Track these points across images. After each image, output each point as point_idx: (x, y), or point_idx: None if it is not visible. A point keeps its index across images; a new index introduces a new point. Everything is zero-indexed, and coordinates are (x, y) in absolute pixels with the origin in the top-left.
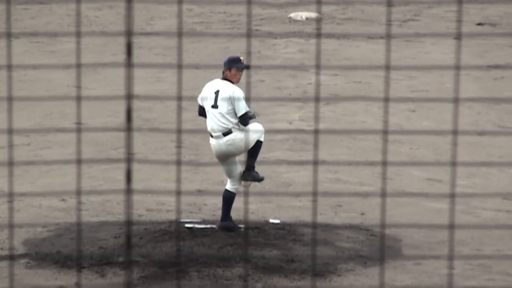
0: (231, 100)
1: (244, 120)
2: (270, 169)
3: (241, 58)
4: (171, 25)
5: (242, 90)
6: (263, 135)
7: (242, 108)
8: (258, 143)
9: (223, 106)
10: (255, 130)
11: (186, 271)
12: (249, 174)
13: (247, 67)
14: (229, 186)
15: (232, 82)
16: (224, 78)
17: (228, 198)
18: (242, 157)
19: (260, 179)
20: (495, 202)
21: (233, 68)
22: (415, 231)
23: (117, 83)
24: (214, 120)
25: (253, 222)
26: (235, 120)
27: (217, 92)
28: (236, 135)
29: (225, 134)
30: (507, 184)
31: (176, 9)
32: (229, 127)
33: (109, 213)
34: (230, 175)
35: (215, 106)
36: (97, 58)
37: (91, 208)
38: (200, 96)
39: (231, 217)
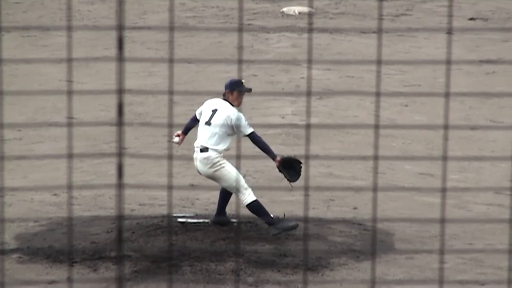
0: (227, 122)
1: (253, 137)
2: (262, 163)
3: (243, 81)
4: (164, 19)
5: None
6: (247, 192)
7: (246, 127)
8: (254, 204)
9: (215, 126)
10: (236, 179)
11: (178, 266)
12: (276, 229)
13: (249, 90)
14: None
15: (232, 105)
16: (225, 99)
17: (225, 194)
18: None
19: (292, 227)
20: (487, 196)
21: (235, 91)
22: (407, 225)
23: (109, 77)
24: (203, 136)
25: (246, 216)
26: (220, 147)
27: (214, 111)
28: (212, 154)
29: (202, 151)
30: (499, 179)
31: (169, 3)
32: (213, 148)
33: (101, 207)
34: (231, 189)
35: (208, 123)
36: (89, 52)
37: (83, 203)
38: (199, 110)
39: (225, 212)
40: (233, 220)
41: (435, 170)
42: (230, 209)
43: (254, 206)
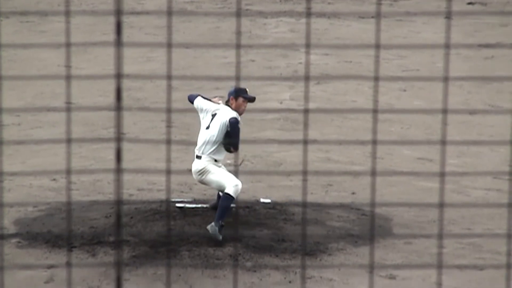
0: (225, 127)
1: (235, 145)
2: (260, 148)
3: (247, 90)
4: (162, 5)
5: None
6: (234, 189)
7: (237, 142)
8: (229, 201)
9: (214, 131)
10: (230, 180)
11: (177, 251)
12: (212, 228)
13: (253, 98)
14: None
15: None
16: (228, 106)
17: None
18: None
19: (217, 238)
20: (486, 181)
21: (240, 98)
22: (405, 210)
23: (107, 62)
24: (200, 142)
25: (244, 201)
26: (216, 156)
27: (214, 114)
28: (204, 163)
29: (197, 157)
30: (498, 163)
31: None
32: (208, 156)
33: (99, 192)
34: (221, 188)
35: (208, 127)
36: (88, 38)
37: (81, 188)
38: (202, 103)
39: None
40: (232, 205)
41: (433, 155)
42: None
43: (226, 201)
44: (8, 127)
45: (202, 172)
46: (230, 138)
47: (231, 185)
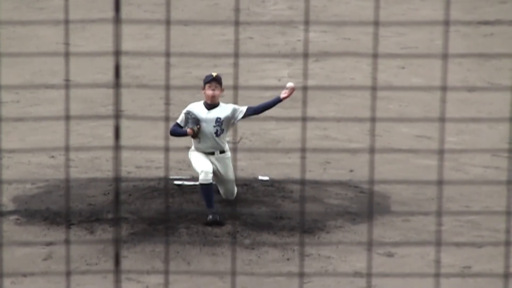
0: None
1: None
2: (259, 125)
3: (213, 74)
4: None
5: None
6: (201, 176)
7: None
8: (202, 189)
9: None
10: (197, 168)
11: (175, 228)
12: (209, 220)
13: (210, 76)
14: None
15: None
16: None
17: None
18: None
19: (218, 223)
20: (484, 158)
21: (204, 87)
22: (403, 188)
23: (106, 39)
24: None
25: (242, 179)
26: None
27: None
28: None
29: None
30: (496, 141)
31: None
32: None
33: (98, 170)
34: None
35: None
36: (86, 15)
37: (80, 165)
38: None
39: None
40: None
41: (431, 133)
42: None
43: (200, 190)
44: (7, 104)
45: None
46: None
47: (199, 173)
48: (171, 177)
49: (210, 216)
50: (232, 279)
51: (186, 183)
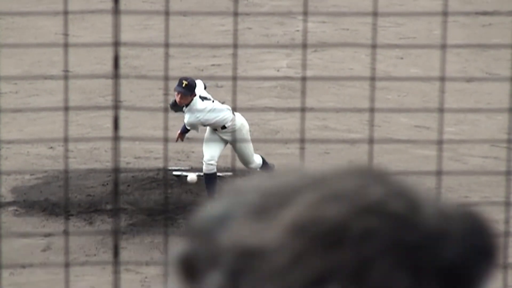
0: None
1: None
2: (257, 116)
3: (183, 81)
4: None
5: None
6: (203, 166)
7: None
8: (205, 179)
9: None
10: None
11: (174, 219)
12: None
13: (176, 88)
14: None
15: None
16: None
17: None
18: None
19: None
20: (483, 148)
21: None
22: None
23: (105, 30)
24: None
25: (241, 169)
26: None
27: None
28: None
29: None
30: (495, 131)
31: None
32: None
33: (96, 160)
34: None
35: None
36: (85, 5)
37: (79, 156)
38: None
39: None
40: (228, 173)
41: (430, 123)
42: (224, 162)
43: (205, 179)
44: (5, 95)
45: None
46: None
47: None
48: (170, 167)
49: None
50: None
51: (185, 173)
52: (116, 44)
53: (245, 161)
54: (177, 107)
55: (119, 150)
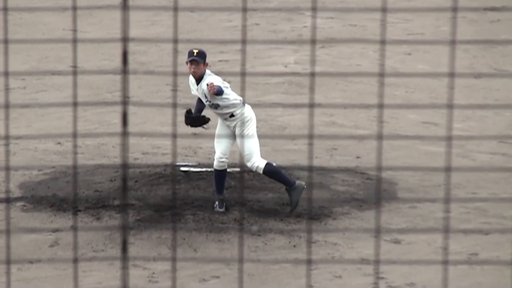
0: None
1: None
2: (265, 112)
3: (194, 50)
4: None
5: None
6: (214, 162)
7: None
8: (215, 174)
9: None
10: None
11: (181, 214)
12: (216, 209)
13: (189, 58)
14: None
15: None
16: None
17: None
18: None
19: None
20: (491, 145)
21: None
22: (410, 174)
23: (113, 26)
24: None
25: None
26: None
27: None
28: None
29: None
30: (503, 127)
31: None
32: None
33: (104, 156)
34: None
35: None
36: (93, 1)
37: (86, 152)
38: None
39: None
40: (236, 169)
41: (438, 119)
42: (232, 158)
43: (214, 174)
44: (14, 91)
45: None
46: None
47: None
48: (178, 163)
49: (217, 207)
50: (239, 266)
51: (192, 169)
52: (125, 40)
53: (246, 157)
54: (194, 119)
55: (127, 146)
